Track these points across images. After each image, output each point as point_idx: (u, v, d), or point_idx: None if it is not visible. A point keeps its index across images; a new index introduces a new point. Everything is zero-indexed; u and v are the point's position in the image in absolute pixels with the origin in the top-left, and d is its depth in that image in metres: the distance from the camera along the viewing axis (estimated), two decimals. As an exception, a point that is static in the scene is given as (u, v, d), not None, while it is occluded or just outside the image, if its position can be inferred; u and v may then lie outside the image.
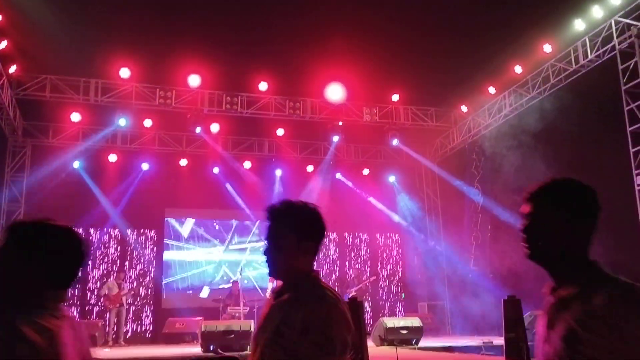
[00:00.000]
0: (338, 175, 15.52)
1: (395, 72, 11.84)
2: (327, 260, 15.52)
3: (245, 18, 10.64)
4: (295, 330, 1.69)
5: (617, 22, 9.60)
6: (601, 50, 9.97)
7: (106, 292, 12.11)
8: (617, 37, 9.57)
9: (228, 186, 14.58)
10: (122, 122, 12.53)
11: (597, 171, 9.25)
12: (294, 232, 1.86)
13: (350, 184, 15.55)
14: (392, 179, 15.93)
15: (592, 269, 1.54)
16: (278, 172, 15.19)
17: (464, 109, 13.72)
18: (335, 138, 14.06)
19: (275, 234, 1.89)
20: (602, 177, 8.83)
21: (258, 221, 15.06)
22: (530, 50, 11.00)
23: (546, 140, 10.27)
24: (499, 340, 7.39)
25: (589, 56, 10.21)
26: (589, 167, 9.22)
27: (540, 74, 11.35)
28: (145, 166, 14.03)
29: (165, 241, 14.45)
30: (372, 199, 15.54)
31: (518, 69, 11.65)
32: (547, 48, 10.86)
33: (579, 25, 10.25)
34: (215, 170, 14.59)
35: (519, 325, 5.27)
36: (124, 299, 12.12)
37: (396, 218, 15.71)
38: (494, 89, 12.58)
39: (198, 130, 12.78)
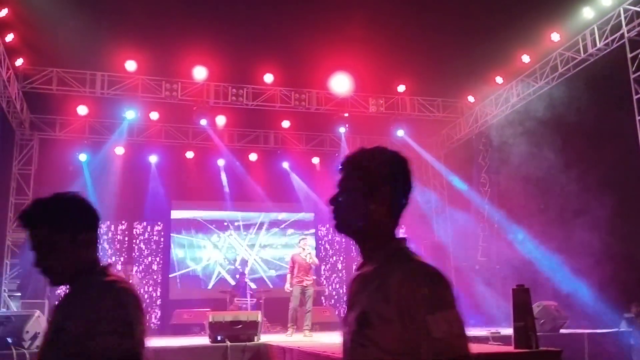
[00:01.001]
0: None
1: (401, 63, 11.72)
2: (333, 252, 15.53)
3: (250, 10, 10.58)
4: (82, 324, 1.54)
5: (625, 10, 9.49)
6: (610, 39, 9.86)
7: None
8: (626, 25, 9.46)
9: (223, 177, 14.57)
10: (130, 114, 12.54)
11: (606, 161, 9.22)
12: (62, 231, 1.66)
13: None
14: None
15: (393, 246, 1.43)
16: (285, 165, 15.17)
17: (470, 99, 13.63)
18: (342, 130, 14.01)
19: (42, 240, 1.66)
20: (611, 166, 8.80)
21: (263, 213, 15.15)
22: (537, 39, 10.87)
23: (554, 129, 10.20)
24: (507, 331, 7.38)
25: (598, 44, 10.11)
26: (597, 156, 9.17)
27: (548, 63, 11.25)
28: (152, 159, 14.07)
29: (171, 233, 14.50)
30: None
31: (525, 58, 11.54)
32: (555, 37, 10.74)
33: (587, 13, 10.14)
34: (221, 162, 14.60)
35: (528, 314, 5.25)
36: (131, 290, 12.19)
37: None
38: (501, 78, 12.47)
39: (204, 122, 12.77)
